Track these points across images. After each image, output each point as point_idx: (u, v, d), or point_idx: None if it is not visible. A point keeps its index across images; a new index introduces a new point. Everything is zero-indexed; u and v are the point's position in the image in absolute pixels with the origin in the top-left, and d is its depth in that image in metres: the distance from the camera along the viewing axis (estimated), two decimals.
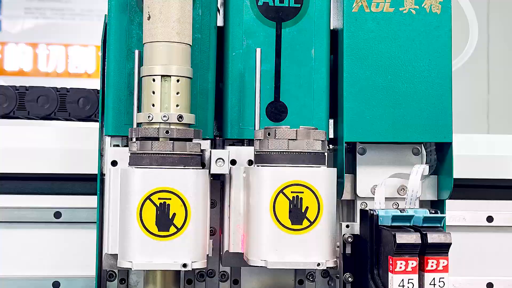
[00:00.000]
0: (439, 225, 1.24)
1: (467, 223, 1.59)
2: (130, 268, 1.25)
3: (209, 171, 1.31)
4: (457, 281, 1.55)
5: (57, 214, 1.55)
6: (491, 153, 1.65)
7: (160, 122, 1.29)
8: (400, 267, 1.21)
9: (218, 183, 1.39)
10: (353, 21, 1.40)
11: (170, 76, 1.30)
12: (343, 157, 1.39)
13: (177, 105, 1.30)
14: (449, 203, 1.41)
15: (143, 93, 1.32)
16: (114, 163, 1.37)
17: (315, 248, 1.26)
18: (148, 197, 1.24)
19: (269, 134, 1.27)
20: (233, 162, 1.35)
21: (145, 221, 1.24)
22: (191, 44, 1.33)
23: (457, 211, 1.59)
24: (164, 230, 1.24)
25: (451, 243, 1.21)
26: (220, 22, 1.43)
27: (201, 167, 1.29)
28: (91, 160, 1.48)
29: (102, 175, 1.38)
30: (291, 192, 1.25)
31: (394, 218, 1.26)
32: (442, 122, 1.38)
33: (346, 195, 1.40)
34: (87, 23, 5.48)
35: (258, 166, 1.28)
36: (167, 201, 1.24)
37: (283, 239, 1.25)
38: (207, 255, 1.30)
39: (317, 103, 1.40)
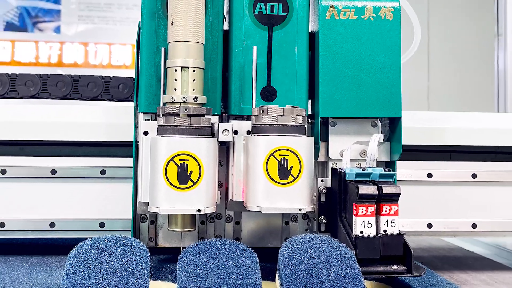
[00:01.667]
0: (391, 180, 1.24)
1: (412, 178, 1.59)
2: (158, 212, 1.25)
3: (218, 139, 1.31)
4: (404, 222, 1.55)
5: (103, 172, 1.55)
6: (430, 126, 1.64)
7: (180, 102, 1.28)
8: (362, 212, 1.20)
9: (224, 148, 1.38)
10: (326, 26, 1.38)
11: (188, 67, 1.29)
12: (319, 129, 1.38)
13: (193, 89, 1.29)
14: (399, 163, 1.41)
15: (167, 80, 1.31)
16: (145, 133, 1.36)
17: (297, 197, 1.26)
18: (171, 159, 1.24)
19: (263, 111, 1.27)
20: (235, 132, 1.34)
21: (169, 177, 1.23)
22: (203, 43, 1.32)
23: (405, 169, 1.58)
24: (183, 184, 1.24)
25: (400, 194, 1.21)
26: (226, 26, 1.41)
27: (212, 136, 1.29)
28: (128, 131, 1.48)
29: (137, 142, 1.37)
30: (280, 155, 1.25)
31: (357, 174, 1.25)
32: (393, 102, 1.37)
33: (321, 157, 1.40)
34: (125, 27, 5.54)
35: (255, 135, 1.28)
36: (186, 162, 1.24)
37: (273, 190, 1.25)
38: (216, 202, 1.30)
39: (299, 88, 1.39)
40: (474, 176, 1.60)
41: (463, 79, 5.71)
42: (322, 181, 1.38)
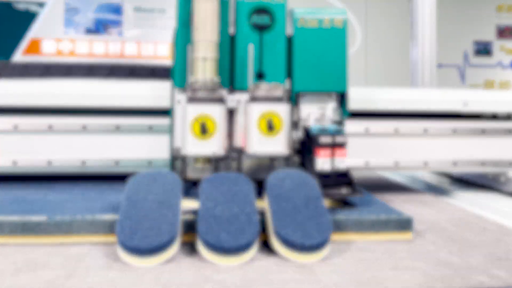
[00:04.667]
0: (342, 133, 1.23)
1: (355, 131, 1.57)
2: (187, 154, 1.24)
3: (226, 106, 1.30)
4: (350, 161, 1.53)
5: (150, 127, 1.53)
6: (367, 97, 1.62)
7: (202, 81, 1.26)
8: (322, 154, 1.19)
9: (231, 112, 1.36)
10: (298, 31, 1.37)
11: (207, 58, 1.27)
12: (293, 99, 1.37)
13: (210, 73, 1.27)
14: (346, 122, 1.40)
15: (194, 66, 1.29)
16: (179, 101, 1.34)
17: (279, 144, 1.25)
18: (196, 119, 1.22)
19: (256, 87, 1.25)
20: (238, 101, 1.33)
21: (194, 130, 1.22)
22: (217, 42, 1.30)
23: (350, 125, 1.56)
24: (204, 135, 1.22)
25: (347, 142, 1.20)
26: (232, 31, 1.39)
27: (222, 104, 1.27)
28: (167, 100, 1.45)
29: (173, 107, 1.36)
30: (268, 116, 1.24)
31: (319, 129, 1.24)
32: (342, 81, 1.36)
33: (295, 118, 1.38)
34: (165, 31, 5.64)
35: (251, 103, 1.26)
36: (206, 120, 1.22)
37: (263, 140, 1.24)
38: (225, 148, 1.29)
39: (281, 71, 1.37)
40: (396, 130, 1.59)
41: (389, 66, 5.78)
42: (296, 133, 1.37)
